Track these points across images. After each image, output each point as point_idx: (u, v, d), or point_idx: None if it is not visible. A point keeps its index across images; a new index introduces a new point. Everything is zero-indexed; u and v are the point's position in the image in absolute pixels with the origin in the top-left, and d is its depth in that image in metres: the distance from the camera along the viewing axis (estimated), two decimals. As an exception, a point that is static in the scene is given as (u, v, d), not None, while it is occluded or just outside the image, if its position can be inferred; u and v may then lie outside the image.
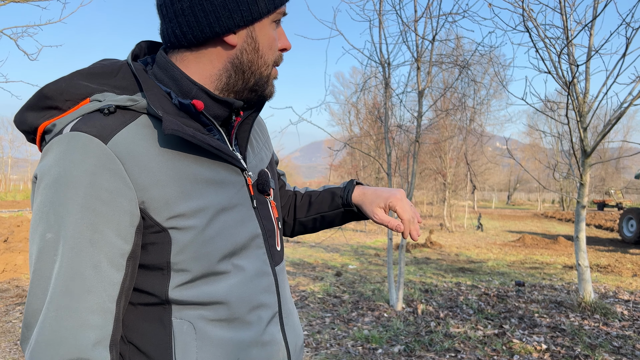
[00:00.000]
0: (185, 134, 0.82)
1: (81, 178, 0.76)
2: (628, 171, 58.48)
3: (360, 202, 1.21)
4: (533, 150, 45.66)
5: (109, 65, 0.92)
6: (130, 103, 0.85)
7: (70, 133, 0.78)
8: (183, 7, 0.86)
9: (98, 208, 0.76)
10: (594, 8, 5.59)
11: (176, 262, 0.84)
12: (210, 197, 0.87)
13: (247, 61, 0.92)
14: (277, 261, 1.03)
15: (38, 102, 0.86)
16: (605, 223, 23.33)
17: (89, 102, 0.84)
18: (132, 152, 0.80)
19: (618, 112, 5.58)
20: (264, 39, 0.92)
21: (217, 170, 0.90)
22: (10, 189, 51.22)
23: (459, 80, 7.48)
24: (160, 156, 0.84)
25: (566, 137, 8.62)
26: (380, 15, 6.11)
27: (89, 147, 0.77)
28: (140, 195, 0.80)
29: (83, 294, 0.76)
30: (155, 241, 0.83)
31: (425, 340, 4.61)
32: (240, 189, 0.95)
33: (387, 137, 6.37)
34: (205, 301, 0.87)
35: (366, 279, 8.43)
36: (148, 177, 0.81)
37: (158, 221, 0.82)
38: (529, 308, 5.95)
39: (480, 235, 19.36)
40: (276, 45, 0.95)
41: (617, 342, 4.58)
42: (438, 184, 24.37)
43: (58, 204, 0.76)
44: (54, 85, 0.86)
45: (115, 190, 0.77)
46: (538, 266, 10.39)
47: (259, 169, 1.05)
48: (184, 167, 0.85)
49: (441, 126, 18.68)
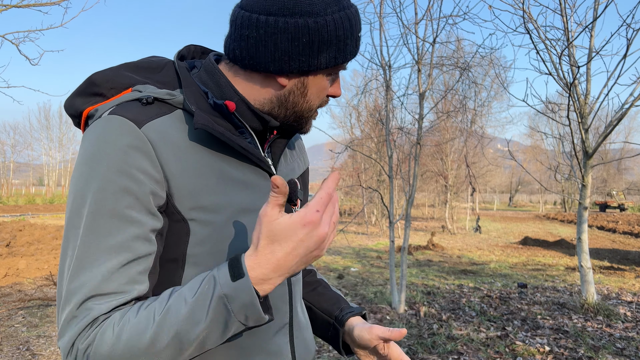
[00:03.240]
0: (214, 130, 0.84)
1: (114, 155, 0.78)
2: (630, 172, 58.43)
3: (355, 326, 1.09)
4: (534, 152, 45.65)
5: (155, 62, 0.97)
6: (168, 97, 0.88)
7: (108, 116, 0.82)
8: (250, 35, 0.87)
9: (128, 184, 0.78)
10: (595, 9, 5.60)
11: (191, 255, 0.85)
12: (234, 196, 0.89)
13: (292, 102, 0.93)
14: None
15: (86, 88, 0.91)
16: (607, 224, 23.28)
17: (131, 92, 0.88)
18: (163, 139, 0.83)
19: (619, 113, 5.58)
20: (314, 88, 0.93)
21: (244, 172, 0.92)
22: (13, 193, 51.30)
23: (460, 82, 7.49)
24: (189, 148, 0.86)
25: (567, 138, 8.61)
26: (380, 18, 6.12)
27: (123, 128, 0.80)
28: (167, 180, 0.82)
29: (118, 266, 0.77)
30: (175, 230, 0.85)
31: (427, 343, 4.60)
32: (266, 193, 0.94)
33: (388, 139, 6.37)
34: None
35: (368, 281, 8.42)
36: (176, 165, 0.83)
37: (179, 210, 0.83)
38: (531, 310, 5.94)
39: (482, 237, 19.32)
40: (325, 92, 0.96)
41: (621, 344, 4.56)
42: (439, 186, 24.35)
43: (92, 178, 0.78)
44: (101, 74, 0.91)
45: (144, 170, 0.80)
46: (540, 268, 10.37)
47: (289, 177, 1.04)
48: (211, 162, 0.87)
49: (442, 128, 18.68)
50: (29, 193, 51.91)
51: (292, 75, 0.90)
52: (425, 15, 6.02)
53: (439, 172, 22.21)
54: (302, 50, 0.86)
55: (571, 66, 5.62)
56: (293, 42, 0.85)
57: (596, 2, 5.58)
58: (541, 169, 39.48)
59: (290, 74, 0.90)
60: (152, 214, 0.81)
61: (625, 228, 20.93)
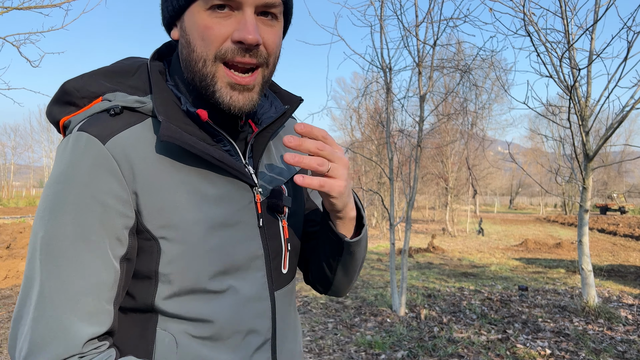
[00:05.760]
0: (182, 142, 0.78)
1: (78, 178, 0.75)
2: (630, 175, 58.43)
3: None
4: (535, 155, 45.64)
5: (128, 65, 0.91)
6: (137, 105, 0.83)
7: (76, 133, 0.78)
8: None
9: (92, 208, 0.75)
10: (595, 12, 5.60)
11: (164, 273, 0.81)
12: (208, 211, 0.83)
13: (185, 57, 0.83)
14: (279, 285, 0.95)
15: (60, 97, 0.87)
16: (608, 227, 23.26)
17: (101, 101, 0.84)
18: (129, 154, 0.78)
19: (620, 115, 5.58)
20: (193, 30, 0.79)
21: (221, 184, 0.86)
22: (13, 195, 51.34)
23: (461, 84, 7.49)
24: (159, 162, 0.80)
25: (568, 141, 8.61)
26: (381, 21, 6.12)
27: (87, 147, 0.76)
28: (134, 198, 0.78)
29: (80, 296, 0.74)
30: (145, 248, 0.81)
31: (428, 346, 4.59)
32: (246, 205, 0.89)
33: (388, 141, 6.37)
34: (191, 317, 0.83)
35: (369, 284, 8.41)
36: (143, 182, 0.78)
37: (149, 228, 0.79)
38: (532, 313, 5.93)
39: (483, 239, 19.31)
40: (213, 34, 0.78)
41: (622, 347, 4.55)
42: (440, 189, 24.36)
43: (54, 203, 0.75)
44: (73, 82, 0.86)
45: (109, 191, 0.76)
46: (541, 270, 10.36)
47: (273, 185, 0.96)
48: (183, 177, 0.82)
49: (443, 131, 18.70)
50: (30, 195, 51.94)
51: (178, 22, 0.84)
52: (426, 18, 6.03)
53: (439, 175, 22.22)
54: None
55: (572, 69, 5.62)
56: None
57: (597, 5, 5.58)
58: (542, 172, 39.47)
59: (170, 20, 0.84)
60: (118, 239, 0.77)
61: (626, 231, 20.90)
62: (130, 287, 0.83)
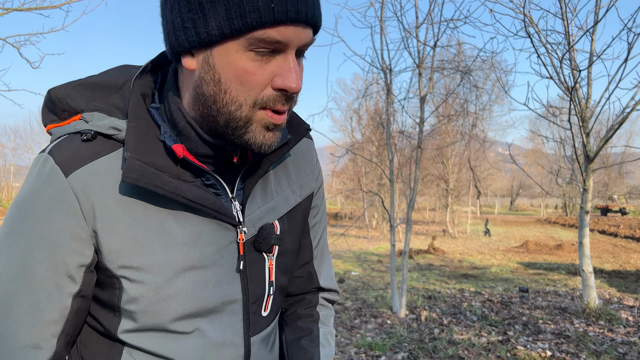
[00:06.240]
0: (149, 183, 0.71)
1: (35, 209, 0.73)
2: (631, 176, 58.37)
3: None
4: (535, 156, 45.63)
5: (114, 78, 0.83)
6: (111, 132, 0.76)
7: (44, 156, 0.75)
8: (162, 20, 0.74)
9: (44, 244, 0.73)
10: (595, 13, 5.59)
11: (126, 310, 0.77)
12: (175, 254, 0.77)
13: (208, 94, 0.73)
14: (257, 330, 0.88)
15: (47, 103, 0.83)
16: (608, 228, 23.24)
17: (79, 119, 0.78)
18: (92, 190, 0.73)
19: (620, 117, 5.57)
20: (227, 70, 0.70)
21: (196, 225, 0.79)
22: (13, 196, 51.31)
23: (461, 86, 7.48)
24: (123, 200, 0.75)
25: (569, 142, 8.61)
26: (381, 22, 6.12)
27: (50, 177, 0.73)
28: (94, 236, 0.74)
29: (18, 329, 0.73)
30: (107, 283, 0.77)
31: (428, 347, 4.58)
32: (225, 246, 0.82)
33: (389, 143, 6.37)
34: (155, 352, 0.79)
35: (369, 285, 8.40)
36: (103, 221, 0.74)
37: (109, 267, 0.75)
38: (533, 314, 5.92)
39: (484, 241, 19.30)
40: (257, 80, 0.70)
41: (623, 349, 4.54)
42: (440, 190, 24.35)
43: (10, 230, 0.75)
44: (56, 91, 0.82)
45: (65, 227, 0.73)
46: (542, 272, 10.34)
47: (263, 221, 0.87)
48: (150, 217, 0.76)
49: (443, 132, 18.68)
50: (30, 196, 51.86)
51: (195, 51, 0.71)
52: (426, 19, 6.03)
53: (439, 176, 22.22)
54: (187, 12, 0.68)
55: (572, 70, 5.61)
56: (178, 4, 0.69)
57: (597, 6, 5.57)
58: (542, 173, 39.45)
59: (187, 48, 0.71)
60: (70, 277, 0.74)
61: (626, 232, 20.89)
62: (96, 314, 0.81)
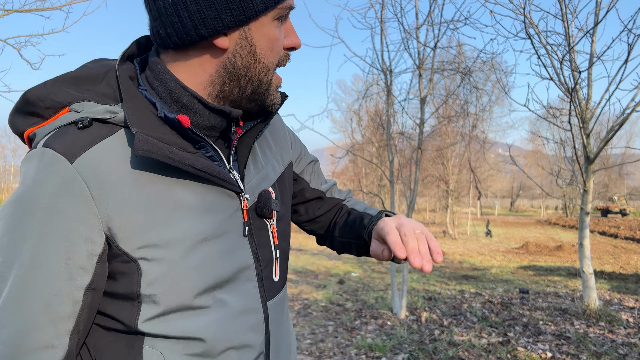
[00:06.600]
0: (161, 154, 0.72)
1: (41, 200, 0.69)
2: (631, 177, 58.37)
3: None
4: (536, 157, 45.63)
5: (95, 69, 0.83)
6: (108, 115, 0.76)
7: (40, 149, 0.72)
8: (165, 5, 0.74)
9: (54, 235, 0.70)
10: (596, 14, 5.59)
11: (146, 295, 0.76)
12: (191, 225, 0.77)
13: (242, 66, 0.79)
14: (271, 295, 0.92)
15: (23, 106, 0.80)
16: (609, 230, 23.23)
17: (68, 112, 0.77)
18: (100, 172, 0.72)
19: (621, 118, 5.57)
20: (263, 40, 0.78)
21: (204, 194, 0.80)
22: (14, 197, 51.30)
23: (461, 87, 7.49)
24: (133, 178, 0.74)
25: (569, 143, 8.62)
26: (381, 23, 6.13)
27: (53, 166, 0.70)
28: (106, 221, 0.72)
29: (30, 328, 0.70)
30: (124, 271, 0.75)
31: (429, 349, 4.58)
32: (232, 214, 0.84)
33: (389, 144, 6.37)
34: (179, 336, 0.79)
35: (369, 286, 8.40)
36: (116, 202, 0.72)
37: (126, 250, 0.74)
38: (533, 315, 5.91)
39: (484, 242, 19.29)
40: (279, 45, 0.81)
41: (623, 350, 4.54)
42: (441, 191, 24.35)
43: (14, 226, 0.70)
44: (35, 91, 0.79)
45: (75, 215, 0.70)
46: (542, 273, 10.34)
47: (260, 188, 0.92)
48: (161, 191, 0.76)
49: (443, 133, 18.68)
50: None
51: (230, 31, 0.76)
52: (427, 20, 6.03)
53: (440, 177, 22.22)
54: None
55: (572, 71, 5.61)
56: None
57: (597, 8, 5.58)
58: (542, 174, 39.44)
59: (227, 29, 0.75)
60: (82, 268, 0.72)
61: (627, 233, 20.88)
62: (113, 311, 0.79)
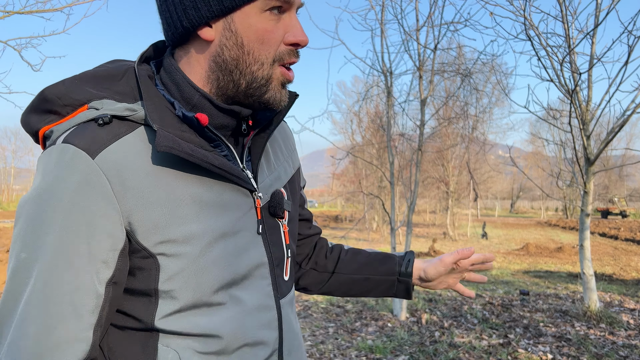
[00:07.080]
0: (181, 151, 0.74)
1: (63, 196, 0.70)
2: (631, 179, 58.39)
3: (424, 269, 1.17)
4: (536, 158, 45.64)
5: (114, 68, 0.85)
6: (127, 113, 0.78)
7: (61, 145, 0.73)
8: (160, 2, 0.80)
9: (77, 229, 0.71)
10: (596, 16, 5.60)
11: (164, 290, 0.77)
12: (209, 222, 0.79)
13: (230, 59, 0.79)
14: (283, 293, 0.94)
15: (39, 104, 0.81)
16: (609, 231, 23.21)
17: (87, 110, 0.78)
18: (121, 168, 0.73)
19: (621, 119, 5.57)
20: (250, 32, 0.78)
21: (221, 192, 0.82)
22: (13, 199, 51.37)
23: (461, 88, 7.49)
24: (153, 174, 0.76)
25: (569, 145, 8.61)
26: (382, 25, 6.13)
27: (75, 161, 0.71)
28: (127, 216, 0.74)
29: (55, 322, 0.70)
30: (143, 266, 0.77)
31: (429, 350, 4.57)
32: (247, 212, 0.86)
33: (389, 145, 6.37)
34: (195, 333, 0.80)
35: (369, 288, 8.39)
36: (136, 197, 0.74)
37: (145, 246, 0.75)
38: (533, 317, 5.91)
39: (484, 243, 19.27)
40: (273, 37, 0.80)
41: (624, 352, 4.53)
42: (441, 193, 24.32)
43: (37, 222, 0.71)
44: (54, 88, 0.80)
45: (97, 210, 0.71)
46: (542, 275, 10.33)
47: (273, 188, 0.94)
48: (180, 187, 0.78)
49: (443, 134, 18.67)
50: (30, 198, 51.89)
51: (213, 21, 0.78)
52: (427, 22, 6.04)
53: (440, 179, 22.21)
54: None
55: (572, 73, 5.61)
56: None
57: (597, 9, 5.58)
58: (542, 176, 39.42)
59: (207, 20, 0.77)
60: (104, 262, 0.73)
61: (627, 235, 20.87)
62: (129, 307, 0.80)
